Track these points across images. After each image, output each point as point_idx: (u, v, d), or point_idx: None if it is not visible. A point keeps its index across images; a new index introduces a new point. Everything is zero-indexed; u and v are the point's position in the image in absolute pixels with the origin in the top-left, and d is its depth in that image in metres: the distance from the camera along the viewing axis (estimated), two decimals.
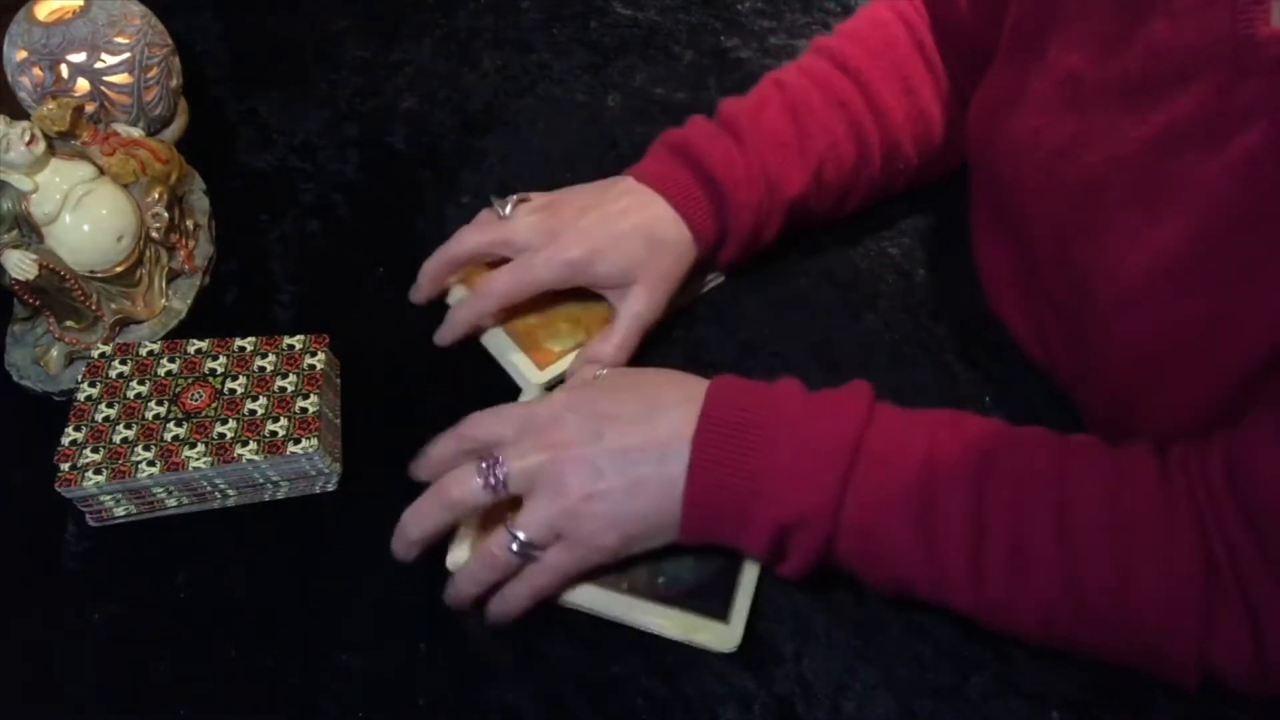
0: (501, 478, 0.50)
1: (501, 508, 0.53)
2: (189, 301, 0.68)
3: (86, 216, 0.62)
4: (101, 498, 0.57)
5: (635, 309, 0.61)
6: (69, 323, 0.64)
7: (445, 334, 0.65)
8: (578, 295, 0.64)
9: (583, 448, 0.50)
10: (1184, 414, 0.50)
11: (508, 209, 0.63)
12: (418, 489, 0.60)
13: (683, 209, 0.62)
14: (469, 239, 0.64)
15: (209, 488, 0.58)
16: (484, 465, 0.51)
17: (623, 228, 0.61)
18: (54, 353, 0.64)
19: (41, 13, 0.71)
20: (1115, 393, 0.54)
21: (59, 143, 0.63)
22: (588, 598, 0.53)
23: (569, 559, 0.51)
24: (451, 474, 0.52)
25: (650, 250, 0.61)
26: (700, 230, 0.62)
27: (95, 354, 0.61)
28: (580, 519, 0.50)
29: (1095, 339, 0.54)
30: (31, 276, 0.60)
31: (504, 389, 0.63)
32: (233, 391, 0.59)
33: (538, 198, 0.65)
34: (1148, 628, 0.47)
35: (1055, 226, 0.55)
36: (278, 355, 0.61)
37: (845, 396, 0.51)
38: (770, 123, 0.64)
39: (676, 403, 0.51)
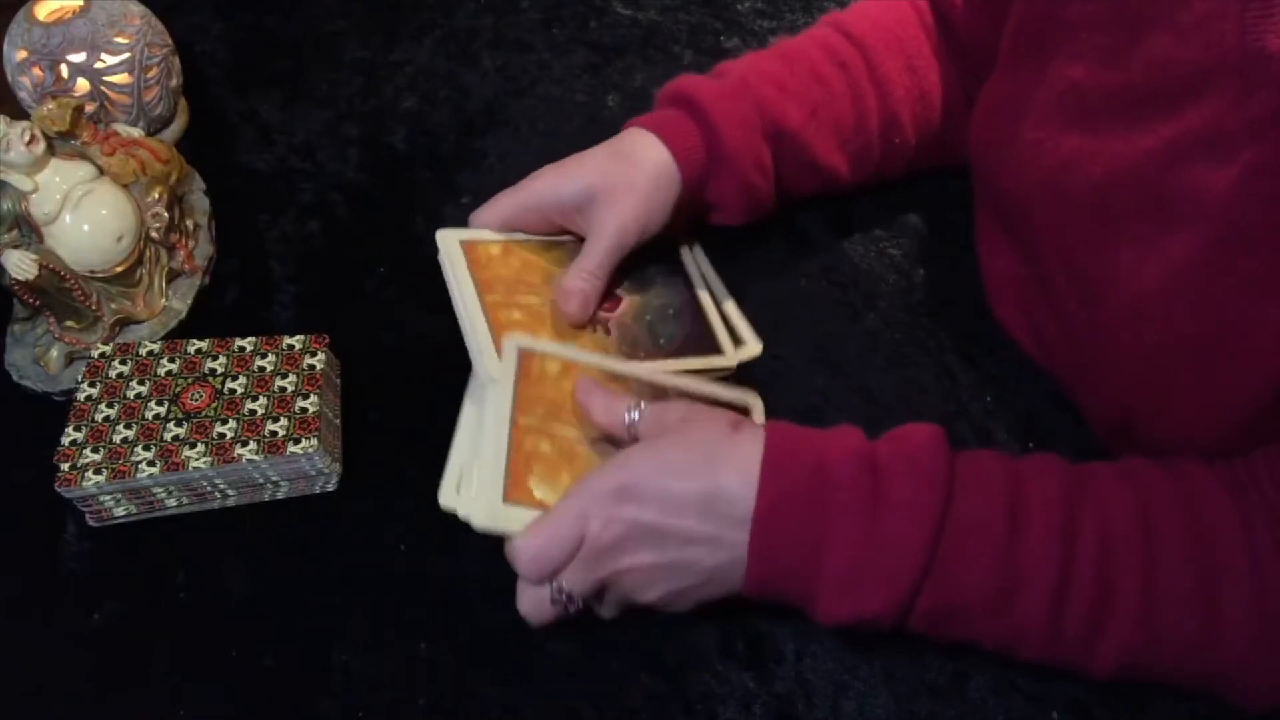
0: (574, 602, 0.50)
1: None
2: (189, 301, 0.68)
3: (86, 216, 0.62)
4: (101, 498, 0.57)
5: (604, 228, 0.59)
6: (69, 323, 0.64)
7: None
8: None
9: (645, 567, 0.49)
10: (1193, 424, 0.50)
11: None
12: (416, 489, 0.60)
13: (660, 129, 0.61)
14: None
15: (209, 488, 0.58)
16: (553, 593, 0.49)
17: (591, 152, 0.61)
18: (54, 353, 0.64)
19: (41, 13, 0.71)
20: (1122, 400, 0.54)
21: (59, 143, 0.63)
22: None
23: (616, 609, 0.53)
24: (526, 598, 0.51)
25: (618, 164, 0.60)
26: (681, 148, 0.61)
27: (95, 354, 0.61)
28: (640, 598, 0.51)
29: (1103, 349, 0.53)
30: (31, 276, 0.60)
31: None
32: (233, 391, 0.59)
33: None
34: (1232, 667, 0.47)
35: (1062, 237, 0.55)
36: (278, 355, 0.61)
37: (921, 483, 0.46)
38: (760, 64, 0.65)
39: (735, 491, 0.47)
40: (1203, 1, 0.45)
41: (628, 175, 0.60)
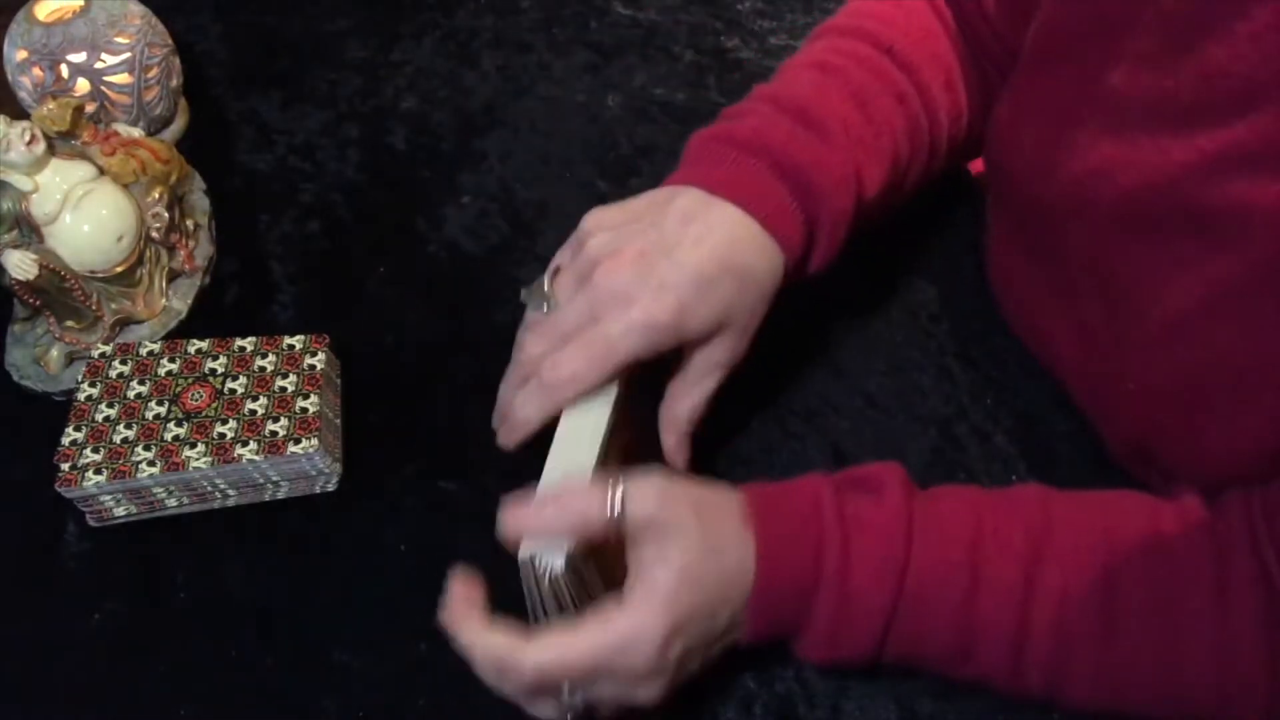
0: (579, 708, 0.48)
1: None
2: (189, 301, 0.68)
3: (86, 216, 0.62)
4: (101, 498, 0.57)
5: (718, 358, 0.53)
6: (69, 323, 0.64)
7: (512, 436, 0.54)
8: None
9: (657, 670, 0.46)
10: (1219, 448, 0.48)
11: (546, 300, 0.54)
12: (417, 490, 0.60)
13: (773, 224, 0.54)
14: (533, 349, 0.53)
15: (209, 488, 0.58)
16: (562, 701, 0.47)
17: (707, 270, 0.51)
18: (54, 353, 0.64)
19: (41, 13, 0.71)
20: (1146, 419, 0.52)
21: (59, 143, 0.63)
22: None
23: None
24: (529, 703, 0.49)
25: (742, 289, 0.53)
26: (791, 247, 0.54)
27: (95, 354, 0.61)
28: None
29: (1132, 365, 0.52)
30: (31, 276, 0.60)
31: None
32: (233, 391, 0.59)
33: (575, 256, 0.54)
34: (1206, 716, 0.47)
35: (1092, 248, 0.53)
36: (278, 355, 0.61)
37: (881, 538, 0.48)
38: (841, 112, 0.57)
39: (738, 608, 0.48)
40: (1264, 10, 0.43)
41: (748, 305, 0.53)
